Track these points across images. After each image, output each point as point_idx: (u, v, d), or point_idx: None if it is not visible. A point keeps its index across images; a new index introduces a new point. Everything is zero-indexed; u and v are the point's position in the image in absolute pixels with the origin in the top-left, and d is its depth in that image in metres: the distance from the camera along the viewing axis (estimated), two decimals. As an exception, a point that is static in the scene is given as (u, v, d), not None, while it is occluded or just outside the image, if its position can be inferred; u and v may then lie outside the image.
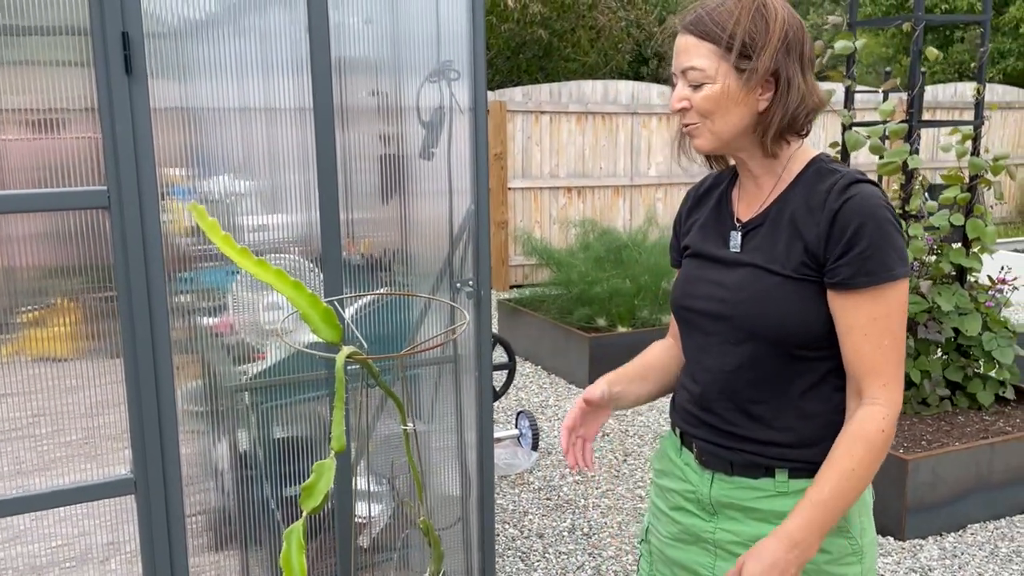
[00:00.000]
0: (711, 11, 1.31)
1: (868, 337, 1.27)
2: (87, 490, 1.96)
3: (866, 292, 1.26)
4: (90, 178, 1.90)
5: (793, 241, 1.31)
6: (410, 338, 2.39)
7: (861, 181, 1.30)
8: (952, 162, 9.05)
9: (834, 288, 1.28)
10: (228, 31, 2.01)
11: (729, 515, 1.41)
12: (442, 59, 2.25)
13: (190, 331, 2.08)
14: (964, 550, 3.26)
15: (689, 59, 1.31)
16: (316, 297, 1.11)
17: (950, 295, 3.83)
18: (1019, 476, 3.51)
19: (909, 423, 3.78)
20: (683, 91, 1.33)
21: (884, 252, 1.25)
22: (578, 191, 8.11)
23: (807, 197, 1.32)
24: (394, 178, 2.28)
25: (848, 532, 1.38)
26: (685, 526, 1.47)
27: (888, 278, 1.25)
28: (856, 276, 1.25)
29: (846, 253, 1.26)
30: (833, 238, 1.27)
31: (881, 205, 1.26)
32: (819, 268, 1.29)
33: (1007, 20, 11.88)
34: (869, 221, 1.25)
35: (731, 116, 1.31)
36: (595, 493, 3.77)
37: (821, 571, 1.36)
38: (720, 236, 1.42)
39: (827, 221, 1.28)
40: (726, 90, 1.30)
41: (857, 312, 1.27)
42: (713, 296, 1.38)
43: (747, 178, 1.41)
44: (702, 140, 1.35)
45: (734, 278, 1.36)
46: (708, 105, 1.31)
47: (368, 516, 2.48)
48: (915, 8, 3.82)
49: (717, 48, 1.29)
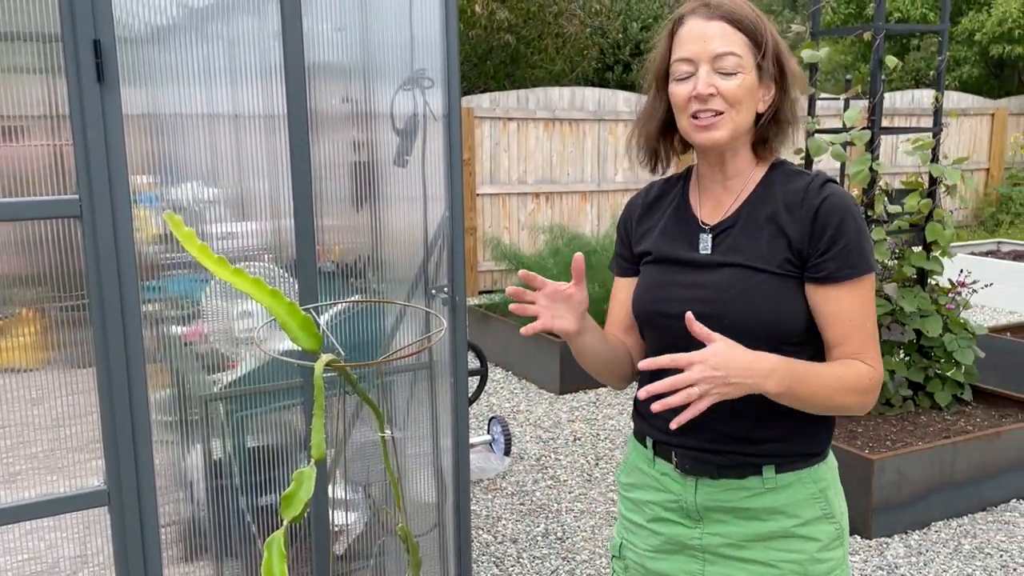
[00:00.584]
0: (735, 4, 1.33)
1: (854, 323, 1.33)
2: (60, 502, 1.93)
3: (848, 284, 1.33)
4: (57, 186, 1.88)
5: (776, 239, 1.35)
6: (385, 345, 2.39)
7: (831, 181, 1.37)
8: (912, 167, 9.25)
9: (818, 282, 1.33)
10: (197, 38, 2.00)
11: (716, 518, 1.42)
12: (415, 67, 2.26)
13: (160, 340, 2.06)
14: (929, 547, 3.33)
15: (727, 45, 1.30)
16: (294, 305, 1.11)
17: (912, 297, 3.91)
18: (980, 474, 3.60)
19: (874, 424, 3.85)
20: (711, 77, 1.31)
21: (862, 246, 1.33)
22: (546, 197, 8.15)
23: (783, 197, 1.36)
24: (368, 185, 2.28)
25: (832, 517, 1.41)
26: (667, 536, 1.46)
27: (867, 269, 1.33)
28: (841, 270, 1.32)
29: (830, 248, 1.32)
30: (816, 235, 1.32)
31: (854, 203, 1.35)
32: (802, 264, 1.34)
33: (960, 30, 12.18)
34: (848, 218, 1.32)
35: (748, 111, 1.35)
36: (568, 497, 3.78)
37: (814, 559, 1.39)
38: (686, 240, 1.43)
39: (809, 218, 1.33)
40: (752, 84, 1.33)
41: (841, 302, 1.33)
42: (693, 298, 1.38)
43: (714, 181, 1.43)
44: (723, 131, 1.33)
45: (716, 279, 1.37)
46: (741, 94, 1.32)
47: (344, 524, 2.47)
48: (875, 18, 3.91)
49: (749, 41, 1.32)
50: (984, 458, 3.59)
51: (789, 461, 1.39)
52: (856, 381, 1.32)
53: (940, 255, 4.03)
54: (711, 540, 1.42)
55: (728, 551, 1.41)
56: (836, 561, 1.42)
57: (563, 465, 4.14)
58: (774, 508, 1.38)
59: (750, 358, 1.24)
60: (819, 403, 1.31)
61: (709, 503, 1.41)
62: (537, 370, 5.33)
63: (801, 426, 1.39)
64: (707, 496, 1.41)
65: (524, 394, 5.21)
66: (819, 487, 1.41)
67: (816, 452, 1.42)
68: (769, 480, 1.38)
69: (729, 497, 1.40)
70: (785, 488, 1.39)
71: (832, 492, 1.43)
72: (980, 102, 10.58)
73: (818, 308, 1.35)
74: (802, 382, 1.28)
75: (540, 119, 7.99)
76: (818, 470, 1.42)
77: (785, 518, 1.39)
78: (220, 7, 2.03)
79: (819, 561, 1.39)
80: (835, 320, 1.34)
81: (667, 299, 1.42)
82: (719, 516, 1.41)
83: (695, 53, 1.32)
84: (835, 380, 1.31)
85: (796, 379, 1.28)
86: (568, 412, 4.87)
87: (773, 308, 1.34)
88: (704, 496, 1.41)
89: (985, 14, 11.70)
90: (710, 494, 1.41)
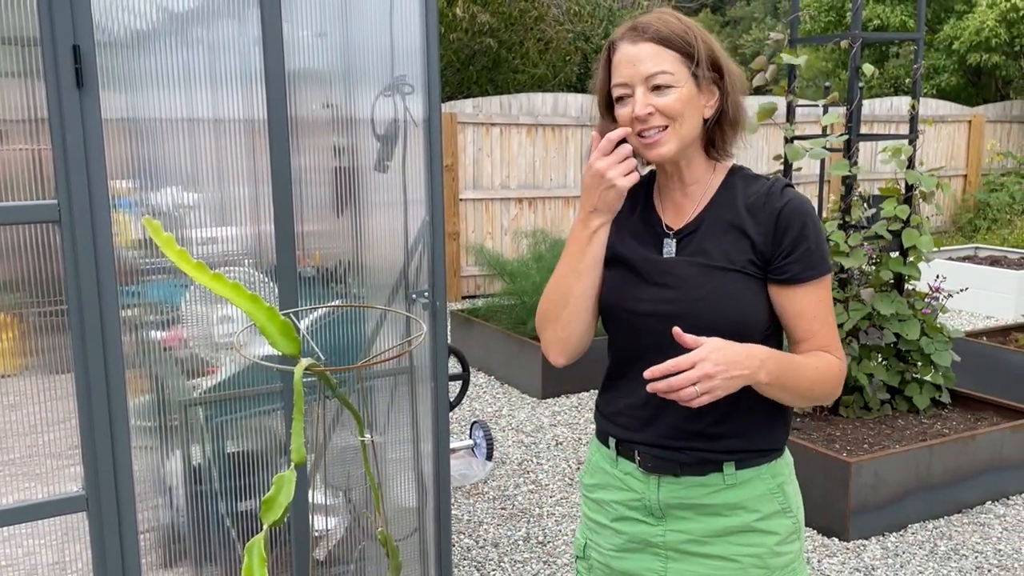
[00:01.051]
0: (660, 22, 1.39)
1: (819, 319, 1.41)
2: (37, 508, 1.92)
3: (811, 283, 1.40)
4: (35, 191, 1.88)
5: (738, 241, 1.41)
6: (366, 349, 2.40)
7: (789, 185, 1.43)
8: (889, 174, 9.35)
9: (783, 283, 1.40)
10: (178, 43, 2.00)
11: (678, 515, 1.46)
12: (396, 73, 2.27)
13: (139, 345, 2.06)
14: (905, 549, 3.37)
15: (656, 64, 1.36)
16: (273, 310, 1.11)
17: (890, 302, 3.96)
18: (956, 477, 3.64)
19: (852, 427, 3.89)
20: (647, 98, 1.37)
21: (821, 248, 1.41)
22: (529, 202, 8.17)
23: (743, 200, 1.42)
24: (348, 190, 2.28)
25: (790, 511, 1.47)
26: (631, 535, 1.50)
27: (826, 270, 1.41)
28: (804, 271, 1.39)
29: (793, 251, 1.38)
30: (779, 238, 1.39)
31: (812, 207, 1.42)
32: (765, 264, 1.40)
33: (941, 38, 12.33)
34: (809, 222, 1.39)
35: (692, 121, 1.40)
36: (549, 502, 3.80)
37: (773, 552, 1.44)
38: (651, 243, 1.47)
39: (772, 222, 1.39)
40: (690, 94, 1.38)
41: (804, 300, 1.40)
42: (660, 299, 1.43)
43: (674, 188, 1.48)
44: (669, 146, 1.38)
45: (683, 280, 1.42)
46: (679, 107, 1.37)
47: (325, 529, 2.47)
48: (852, 26, 3.96)
49: (678, 55, 1.37)
50: (960, 460, 3.64)
51: (748, 457, 1.44)
52: (828, 372, 1.41)
53: (917, 260, 4.08)
54: (673, 537, 1.46)
55: (690, 547, 1.45)
56: (793, 554, 1.47)
57: (545, 469, 4.15)
58: (734, 504, 1.43)
59: (745, 351, 1.31)
60: (798, 391, 1.38)
61: (672, 500, 1.46)
62: (519, 375, 5.34)
63: (759, 422, 1.44)
64: (670, 494, 1.45)
65: (506, 399, 5.21)
66: (777, 482, 1.46)
67: (774, 448, 1.48)
68: (729, 476, 1.44)
69: (691, 494, 1.44)
70: (745, 484, 1.44)
71: (789, 487, 1.48)
72: (958, 109, 10.71)
73: (783, 307, 1.42)
74: (787, 371, 1.36)
75: (523, 124, 8.01)
76: (776, 465, 1.47)
77: (746, 513, 1.44)
78: (201, 12, 2.03)
79: (778, 554, 1.45)
80: (801, 318, 1.41)
81: (636, 298, 1.46)
82: (681, 513, 1.46)
83: (628, 76, 1.38)
84: (813, 371, 1.39)
85: (783, 369, 1.35)
86: (550, 417, 4.88)
87: (738, 306, 1.39)
88: (667, 494, 1.46)
89: (965, 21, 11.85)
90: (673, 491, 1.45)
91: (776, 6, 21.40)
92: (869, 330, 3.94)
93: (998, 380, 4.83)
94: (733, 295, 1.39)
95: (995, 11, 11.28)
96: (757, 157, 9.14)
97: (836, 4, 12.84)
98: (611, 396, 1.54)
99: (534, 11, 9.75)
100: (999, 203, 10.29)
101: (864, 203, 4.16)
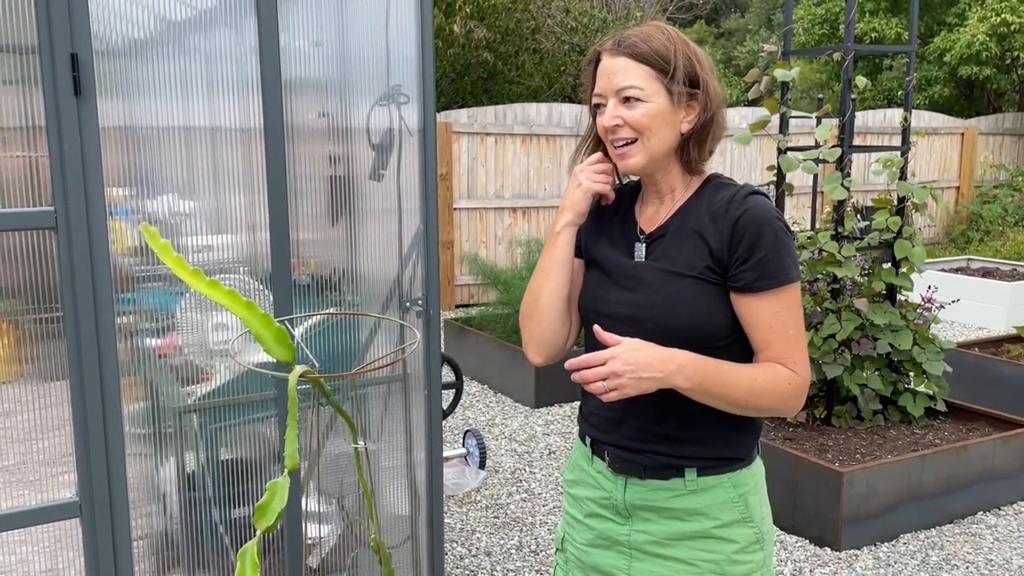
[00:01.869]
0: (640, 37, 1.41)
1: (774, 330, 1.39)
2: (30, 514, 1.92)
3: (767, 293, 1.38)
4: (32, 198, 1.88)
5: (698, 247, 1.42)
6: (359, 357, 2.41)
7: (757, 193, 1.43)
8: (883, 185, 9.40)
9: (737, 291, 1.40)
10: (175, 52, 2.01)
11: (643, 516, 1.49)
12: (391, 82, 2.29)
13: (134, 352, 2.06)
14: (897, 559, 3.38)
15: (627, 79, 1.40)
16: (268, 317, 1.12)
17: (883, 312, 3.98)
18: (948, 487, 3.66)
19: (844, 437, 3.91)
20: (617, 110, 1.41)
21: (781, 258, 1.38)
22: (523, 211, 8.19)
23: (708, 207, 1.44)
24: (343, 199, 2.29)
25: (751, 521, 1.48)
26: (600, 531, 1.54)
27: (785, 280, 1.39)
28: (758, 280, 1.38)
29: (748, 259, 1.38)
30: (733, 245, 1.39)
31: (776, 216, 1.40)
32: (723, 271, 1.41)
33: (932, 49, 12.42)
34: (766, 230, 1.38)
35: (663, 135, 1.42)
36: (542, 511, 3.80)
37: (731, 560, 1.46)
38: (625, 247, 1.51)
39: (729, 229, 1.39)
40: (661, 109, 1.40)
41: (761, 310, 1.39)
42: (625, 302, 1.47)
43: (653, 195, 1.52)
44: (636, 159, 1.43)
45: (644, 284, 1.45)
46: (645, 121, 1.40)
47: (318, 536, 2.47)
48: (845, 39, 3.99)
49: (652, 70, 1.40)
50: (952, 471, 3.65)
51: (710, 465, 1.46)
52: (773, 384, 1.38)
53: (909, 272, 4.10)
54: (638, 537, 1.50)
55: (653, 548, 1.48)
56: (755, 564, 1.48)
57: (538, 478, 4.15)
58: (695, 509, 1.46)
59: (661, 354, 1.32)
60: (733, 402, 1.37)
61: (637, 501, 1.49)
62: (513, 384, 5.34)
63: (723, 431, 1.46)
64: (635, 495, 1.49)
65: (499, 408, 5.22)
66: (739, 492, 1.47)
67: (738, 457, 1.48)
68: (691, 482, 1.46)
69: (654, 497, 1.48)
70: (706, 491, 1.46)
71: (753, 498, 1.49)
72: (951, 121, 10.78)
73: (741, 315, 1.42)
74: (713, 379, 1.34)
75: (518, 134, 8.04)
76: (740, 475, 1.48)
77: (705, 519, 1.46)
78: (198, 21, 2.05)
79: (736, 563, 1.46)
80: (756, 327, 1.40)
81: (605, 300, 1.50)
82: (646, 515, 1.49)
83: (603, 88, 1.43)
84: (749, 381, 1.37)
85: (707, 376, 1.34)
86: (543, 426, 4.88)
87: (693, 312, 1.41)
88: (632, 495, 1.49)
89: (956, 34, 11.93)
90: (638, 493, 1.49)
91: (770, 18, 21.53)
92: (862, 340, 3.96)
93: (990, 391, 4.85)
94: (687, 300, 1.41)
95: (985, 25, 11.37)
96: (750, 167, 9.18)
97: (830, 17, 12.93)
98: (587, 396, 1.57)
99: (531, 22, 9.79)
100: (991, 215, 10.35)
101: (857, 214, 4.19)
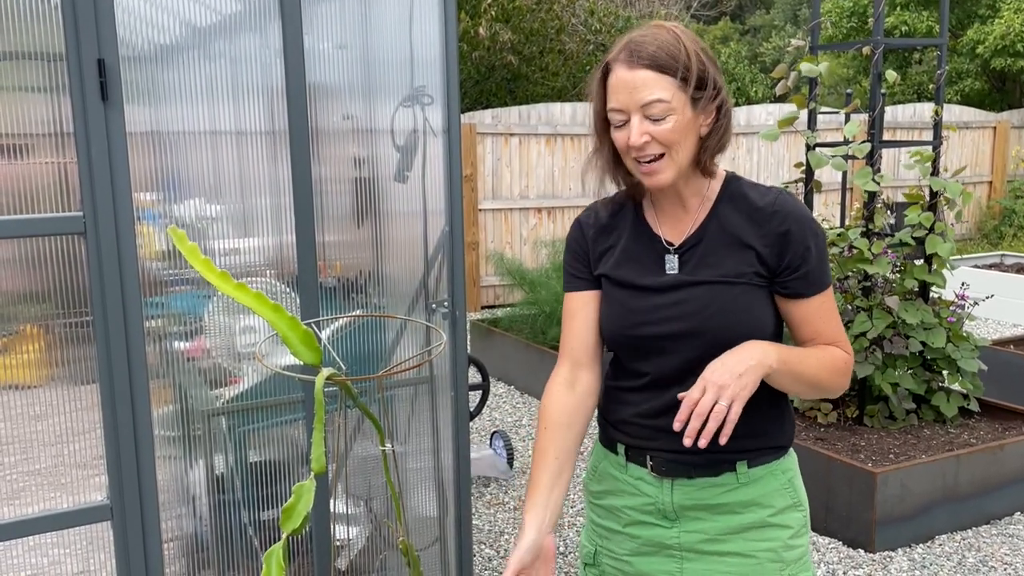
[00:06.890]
0: (657, 45, 1.34)
1: (823, 320, 1.44)
2: (62, 517, 1.94)
3: (815, 296, 1.44)
4: (61, 203, 1.90)
5: (743, 253, 1.41)
6: (386, 359, 2.40)
7: (791, 197, 1.44)
8: (914, 180, 9.26)
9: (788, 297, 1.43)
10: (200, 56, 2.02)
11: (692, 516, 1.46)
12: (416, 84, 2.28)
13: (163, 356, 2.07)
14: (933, 561, 3.32)
15: (652, 92, 1.33)
16: (295, 320, 1.12)
17: (915, 310, 3.91)
18: (984, 487, 3.58)
19: (877, 437, 3.85)
20: (644, 126, 1.34)
21: (825, 265, 1.44)
22: (548, 212, 8.17)
23: (747, 211, 1.42)
24: (368, 201, 2.30)
25: (800, 505, 1.49)
26: (645, 538, 1.50)
27: (828, 283, 1.46)
28: (808, 288, 1.42)
29: (799, 268, 1.40)
30: (784, 254, 1.40)
31: (815, 222, 1.43)
32: (771, 275, 1.41)
33: (964, 42, 12.22)
34: (812, 241, 1.41)
35: (688, 145, 1.38)
36: (570, 512, 3.78)
37: (787, 546, 1.46)
38: (651, 261, 1.45)
39: (778, 237, 1.39)
40: (687, 120, 1.36)
41: (808, 309, 1.44)
42: (671, 317, 1.42)
43: (671, 203, 1.46)
44: (666, 174, 1.37)
45: (692, 297, 1.41)
46: (675, 136, 1.35)
47: (346, 538, 2.47)
48: (874, 32, 3.93)
49: (674, 79, 1.33)
50: (988, 471, 3.58)
51: (760, 455, 1.46)
52: (835, 362, 1.43)
53: (940, 268, 4.03)
54: (688, 538, 1.47)
55: (706, 546, 1.46)
56: (804, 548, 1.49)
57: (566, 480, 4.13)
58: (749, 501, 1.45)
59: (738, 349, 1.34)
60: (808, 379, 1.40)
61: (686, 502, 1.46)
62: (539, 385, 5.31)
63: (769, 420, 1.46)
64: (683, 496, 1.46)
65: (526, 408, 5.20)
66: (787, 477, 1.49)
67: (784, 444, 1.50)
68: (743, 475, 1.45)
69: (705, 495, 1.45)
70: (758, 481, 1.45)
71: (797, 481, 1.51)
72: (982, 115, 10.60)
73: (788, 314, 1.45)
74: (794, 356, 1.38)
75: (542, 135, 8.02)
76: (785, 461, 1.50)
77: (760, 509, 1.45)
78: (223, 26, 2.06)
79: (791, 547, 1.47)
80: (805, 323, 1.45)
81: (644, 323, 1.44)
82: (696, 514, 1.46)
83: (624, 103, 1.35)
84: (816, 360, 1.41)
85: (789, 353, 1.37)
86: (571, 426, 4.86)
87: (749, 319, 1.40)
88: (680, 496, 1.46)
89: (989, 26, 11.73)
90: (687, 493, 1.46)
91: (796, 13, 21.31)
92: (894, 339, 3.89)
93: (1026, 389, 4.75)
94: (744, 308, 1.40)
95: (1021, 16, 11.17)
96: (778, 164, 9.09)
97: (858, 10, 12.76)
98: (617, 406, 1.52)
99: (556, 22, 9.76)
100: (1025, 210, 10.16)
101: (887, 210, 4.12)
